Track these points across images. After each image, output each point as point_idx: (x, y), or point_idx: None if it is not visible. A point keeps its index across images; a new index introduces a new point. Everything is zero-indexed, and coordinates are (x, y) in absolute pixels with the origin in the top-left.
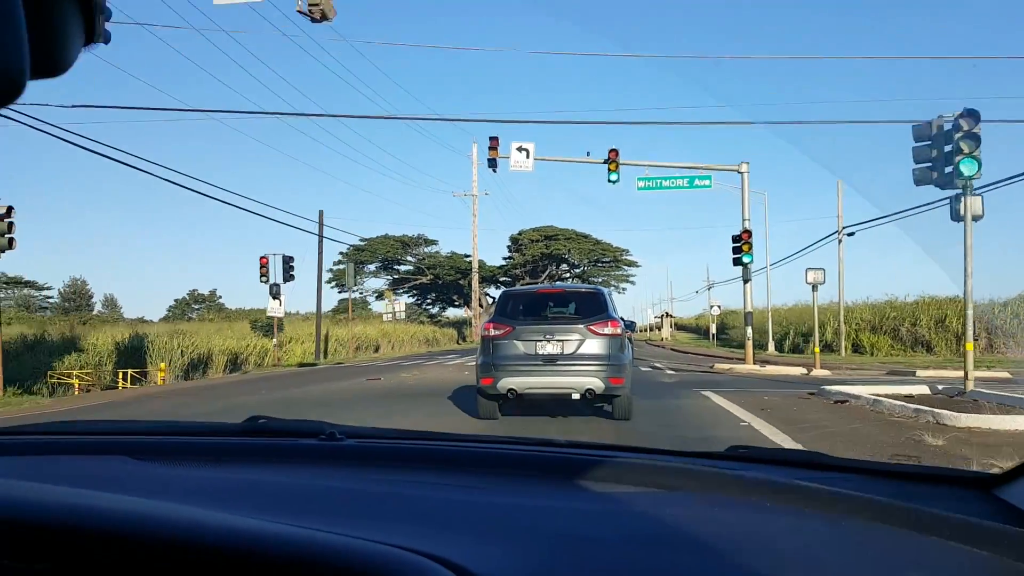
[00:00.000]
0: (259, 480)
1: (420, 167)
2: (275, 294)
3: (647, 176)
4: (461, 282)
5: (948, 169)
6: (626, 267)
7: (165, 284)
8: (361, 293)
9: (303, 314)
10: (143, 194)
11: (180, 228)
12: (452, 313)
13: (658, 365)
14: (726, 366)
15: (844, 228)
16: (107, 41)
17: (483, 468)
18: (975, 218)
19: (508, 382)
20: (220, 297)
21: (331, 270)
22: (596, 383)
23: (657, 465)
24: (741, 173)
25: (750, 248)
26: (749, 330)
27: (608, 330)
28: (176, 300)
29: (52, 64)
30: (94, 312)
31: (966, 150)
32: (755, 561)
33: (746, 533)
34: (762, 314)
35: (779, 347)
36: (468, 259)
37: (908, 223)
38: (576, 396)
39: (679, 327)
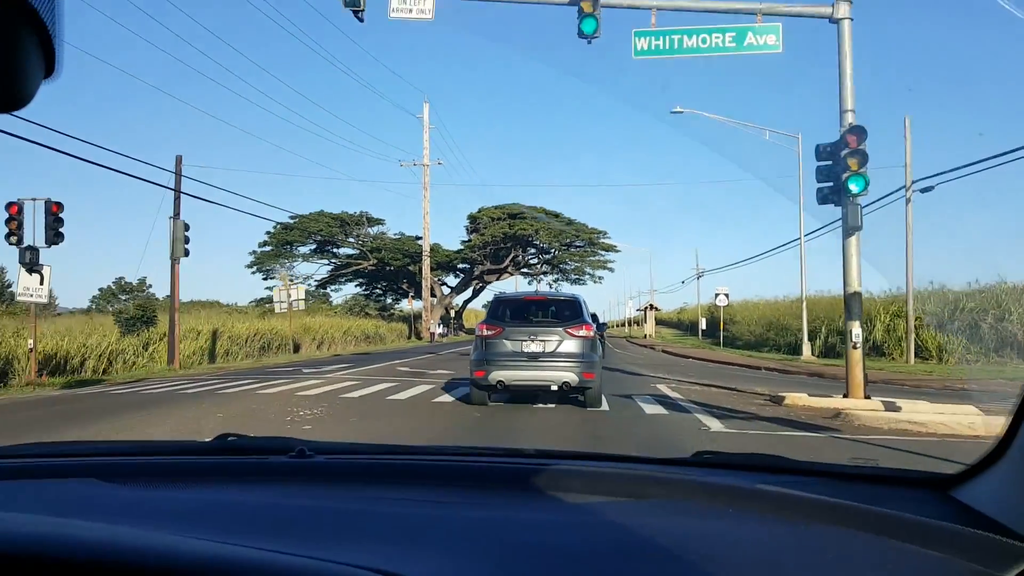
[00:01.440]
0: (228, 500)
1: (366, 133)
2: (31, 264)
3: (656, 31)
4: (412, 268)
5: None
6: (603, 252)
7: (96, 271)
8: (291, 279)
9: (225, 304)
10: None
11: (100, 205)
12: (415, 306)
13: (673, 394)
14: (818, 403)
15: (912, 184)
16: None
17: (452, 482)
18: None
19: (497, 375)
20: (150, 286)
21: (255, 252)
22: (572, 377)
23: (625, 474)
24: (837, 21)
25: (862, 165)
26: (855, 329)
27: (582, 332)
28: (100, 289)
29: (13, 98)
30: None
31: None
32: (721, 568)
33: (710, 540)
34: (749, 307)
35: (746, 345)
36: (420, 241)
37: None
38: (555, 387)
39: (659, 322)
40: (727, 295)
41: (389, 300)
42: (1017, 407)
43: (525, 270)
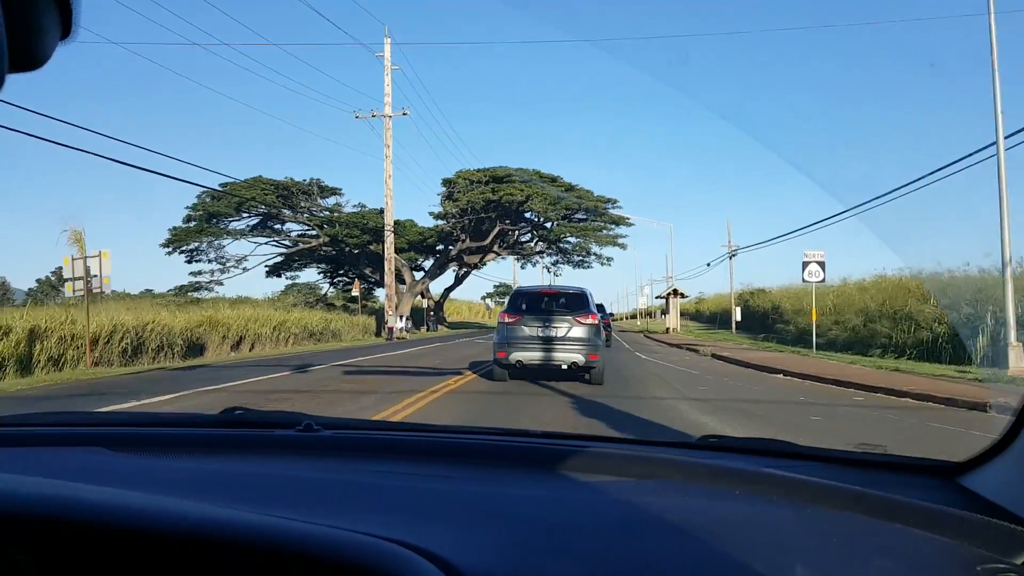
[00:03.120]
0: (236, 471)
1: (324, 74)
2: None
3: None
4: (374, 248)
5: None
6: (613, 225)
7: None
8: (221, 262)
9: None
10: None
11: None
12: (378, 294)
13: None
14: None
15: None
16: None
17: (459, 458)
18: None
19: (517, 355)
20: (95, 276)
21: (174, 229)
22: (579, 358)
23: (629, 455)
24: None
25: None
26: None
27: (589, 321)
28: (38, 281)
29: (28, 58)
30: None
31: None
32: (722, 547)
33: (714, 520)
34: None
35: (830, 345)
36: (384, 214)
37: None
38: (565, 367)
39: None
40: (822, 263)
41: (363, 287)
42: None
43: (517, 251)
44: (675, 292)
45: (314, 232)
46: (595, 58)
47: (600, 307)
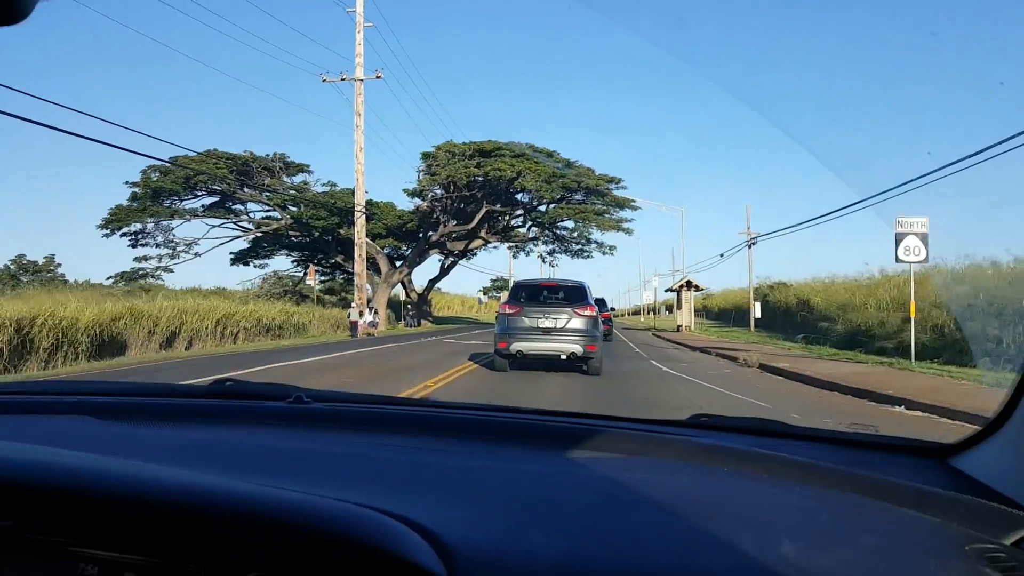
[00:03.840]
0: (224, 441)
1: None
2: None
3: None
4: (344, 232)
5: None
6: (617, 208)
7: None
8: (170, 246)
9: (86, 283)
10: None
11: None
12: (354, 285)
13: None
14: None
15: None
16: None
17: (449, 432)
18: None
19: (517, 345)
20: (59, 265)
21: (116, 209)
22: (578, 348)
23: (620, 432)
24: None
25: None
26: None
27: (587, 313)
28: None
29: (10, 11)
30: None
31: None
32: (710, 523)
33: (703, 497)
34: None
35: (936, 353)
36: (364, 195)
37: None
38: (563, 357)
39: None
40: (924, 237)
41: (342, 278)
42: (1019, 378)
43: (507, 237)
44: (688, 284)
45: (276, 214)
46: (592, 21)
47: (600, 301)
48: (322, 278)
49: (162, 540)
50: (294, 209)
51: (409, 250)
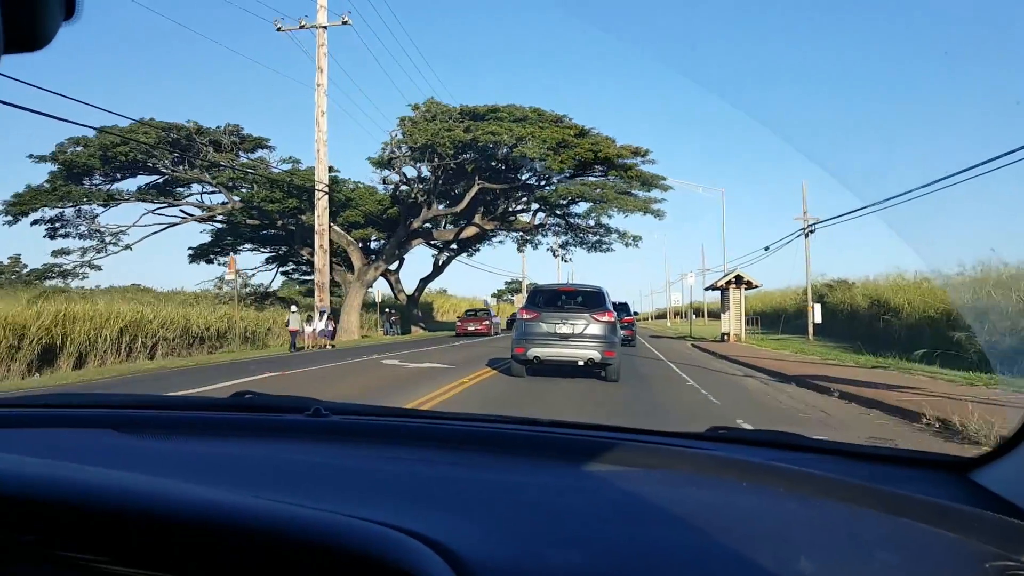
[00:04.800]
0: (242, 454)
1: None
2: None
3: None
4: (306, 219)
5: None
6: (642, 187)
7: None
8: (97, 237)
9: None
10: None
11: None
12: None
13: None
14: None
15: None
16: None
17: (465, 445)
18: None
19: (535, 351)
20: (26, 266)
21: (22, 192)
22: (596, 355)
23: (636, 445)
24: None
25: None
26: None
27: (605, 318)
28: None
29: (30, 38)
30: None
31: None
32: (728, 538)
33: (720, 511)
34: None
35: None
36: (330, 174)
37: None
38: (581, 363)
39: (712, 315)
40: None
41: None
42: None
43: (507, 223)
44: (738, 280)
45: (225, 199)
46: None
47: (623, 305)
48: (303, 277)
49: (181, 557)
50: (245, 191)
51: (375, 239)
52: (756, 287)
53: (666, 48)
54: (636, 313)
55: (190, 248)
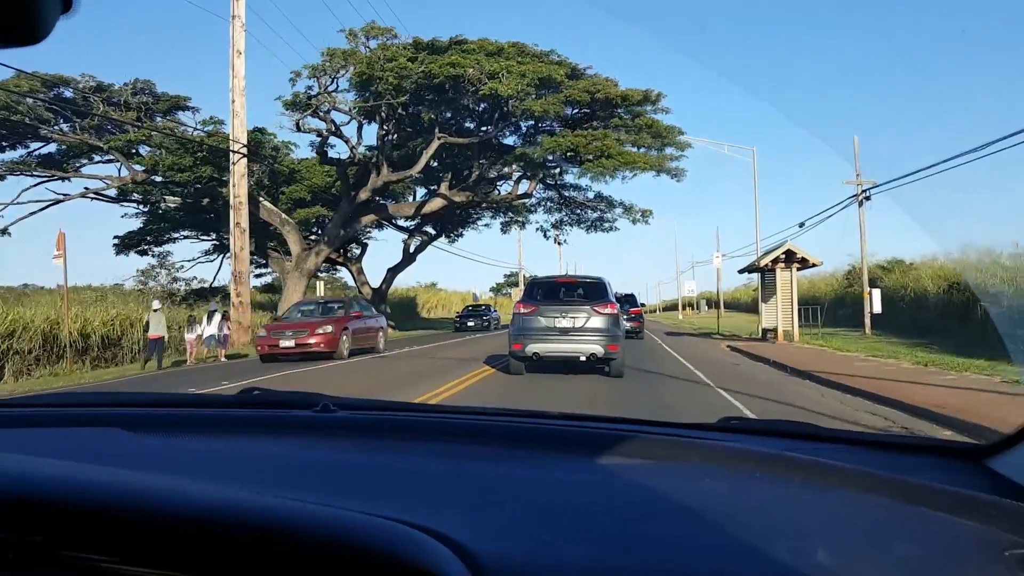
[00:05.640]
0: (252, 452)
1: None
2: None
3: None
4: (222, 190)
5: None
6: (654, 141)
7: None
8: None
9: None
10: None
11: None
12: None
13: None
14: None
15: None
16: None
17: (475, 440)
18: None
19: (533, 347)
20: None
21: None
22: (598, 349)
23: (649, 437)
24: None
25: None
26: None
27: (608, 311)
28: None
29: (26, 32)
30: None
31: None
32: (743, 530)
33: (735, 503)
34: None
35: None
36: (261, 135)
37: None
38: (583, 359)
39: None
40: None
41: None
42: None
43: (481, 193)
44: (788, 256)
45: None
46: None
47: (630, 297)
48: (259, 270)
49: (195, 556)
50: (147, 157)
51: (322, 225)
52: (814, 265)
53: (676, 31)
54: (643, 305)
55: (115, 237)
